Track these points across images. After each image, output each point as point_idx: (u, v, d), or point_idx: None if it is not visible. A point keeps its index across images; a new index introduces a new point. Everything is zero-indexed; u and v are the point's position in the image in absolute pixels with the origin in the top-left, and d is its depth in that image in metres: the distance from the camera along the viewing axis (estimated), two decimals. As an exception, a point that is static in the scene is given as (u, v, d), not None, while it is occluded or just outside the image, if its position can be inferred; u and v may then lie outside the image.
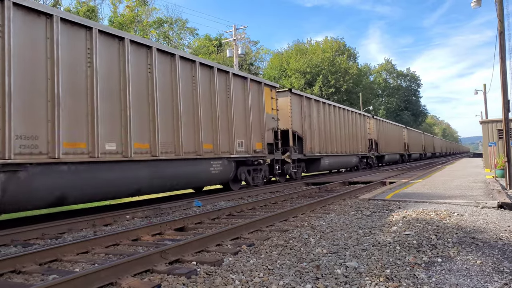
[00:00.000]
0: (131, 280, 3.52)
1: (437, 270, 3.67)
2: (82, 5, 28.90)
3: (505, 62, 10.85)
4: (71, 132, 7.11)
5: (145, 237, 5.68)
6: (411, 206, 7.51)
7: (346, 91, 45.55)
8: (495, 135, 19.75)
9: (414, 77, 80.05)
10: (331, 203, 8.65)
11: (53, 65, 6.85)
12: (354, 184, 13.87)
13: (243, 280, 3.47)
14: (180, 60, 9.81)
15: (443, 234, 5.07)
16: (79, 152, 7.24)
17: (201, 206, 9.10)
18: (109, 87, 7.94)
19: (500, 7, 10.99)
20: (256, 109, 13.10)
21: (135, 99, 8.47)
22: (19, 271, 4.05)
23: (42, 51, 6.75)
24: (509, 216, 6.47)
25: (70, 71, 7.17)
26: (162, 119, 9.14)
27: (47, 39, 6.84)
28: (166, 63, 9.52)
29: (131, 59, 8.46)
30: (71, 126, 7.12)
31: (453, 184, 11.70)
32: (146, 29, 32.78)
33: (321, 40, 50.86)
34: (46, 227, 6.22)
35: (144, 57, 8.87)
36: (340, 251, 4.40)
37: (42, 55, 6.76)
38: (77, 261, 4.43)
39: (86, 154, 7.35)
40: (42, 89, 6.72)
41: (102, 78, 7.78)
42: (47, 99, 6.76)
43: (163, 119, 9.16)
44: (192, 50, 38.09)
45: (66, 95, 7.05)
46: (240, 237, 5.36)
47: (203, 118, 10.48)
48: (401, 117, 69.07)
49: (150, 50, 8.99)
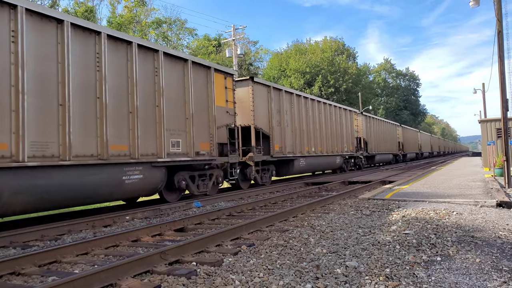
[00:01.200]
0: (131, 281, 3.52)
1: (436, 269, 3.68)
2: (80, 6, 28.89)
3: (503, 61, 10.87)
4: None
5: (144, 238, 5.68)
6: (410, 206, 7.52)
7: (345, 91, 45.59)
8: (494, 134, 19.79)
9: (413, 76, 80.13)
10: (330, 203, 8.66)
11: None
12: (353, 184, 13.88)
13: (243, 280, 3.48)
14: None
15: (443, 233, 5.08)
16: None
17: (201, 206, 9.11)
18: None
19: (498, 6, 11.01)
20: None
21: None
22: (19, 273, 4.05)
23: None
24: (508, 214, 6.49)
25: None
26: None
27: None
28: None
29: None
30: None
31: (452, 183, 11.72)
32: (144, 30, 32.77)
33: (320, 40, 50.92)
34: (45, 229, 6.22)
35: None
36: (340, 251, 4.40)
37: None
38: (77, 263, 4.43)
39: None
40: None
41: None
42: None
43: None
44: (191, 50, 38.07)
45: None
46: (240, 237, 5.36)
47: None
48: (401, 117, 69.15)
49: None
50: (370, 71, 71.66)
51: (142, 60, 8.68)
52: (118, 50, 8.18)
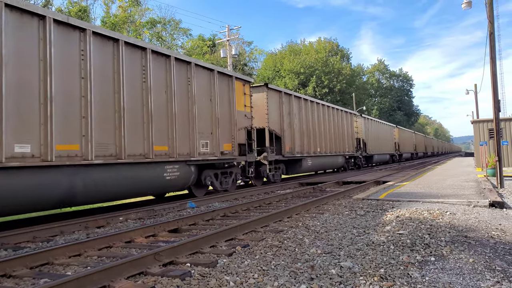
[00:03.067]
0: (124, 283, 3.48)
1: (430, 269, 3.69)
2: (74, 5, 28.65)
3: (495, 62, 10.97)
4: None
5: (138, 239, 5.63)
6: (404, 206, 7.56)
7: (339, 92, 45.79)
8: (486, 134, 19.98)
9: (407, 77, 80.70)
10: (325, 203, 8.67)
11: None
12: (348, 184, 13.92)
13: (238, 281, 3.46)
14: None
15: (436, 233, 5.11)
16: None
17: (195, 207, 9.06)
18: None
19: (490, 9, 11.11)
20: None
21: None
22: (10, 275, 3.99)
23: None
24: (500, 214, 6.54)
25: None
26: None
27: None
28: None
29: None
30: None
31: (446, 183, 11.80)
32: (139, 30, 32.60)
33: (315, 41, 51.13)
34: (37, 230, 6.14)
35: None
36: (335, 251, 4.40)
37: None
38: (69, 264, 4.37)
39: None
40: None
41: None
42: None
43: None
44: (186, 50, 37.97)
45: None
46: (235, 238, 5.34)
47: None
48: (394, 117, 69.58)
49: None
50: (364, 71, 72.05)
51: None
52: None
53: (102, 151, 7.75)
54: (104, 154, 7.80)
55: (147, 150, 8.75)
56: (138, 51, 8.84)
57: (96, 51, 7.81)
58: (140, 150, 8.61)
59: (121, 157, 8.11)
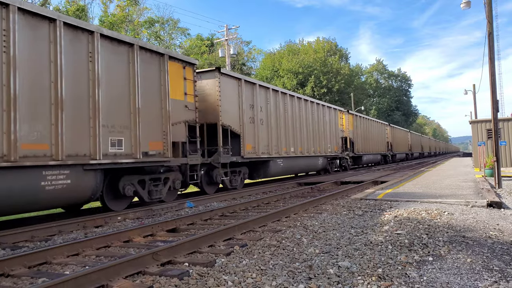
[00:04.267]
0: (122, 282, 3.48)
1: (428, 269, 3.70)
2: (71, 4, 28.58)
3: (494, 63, 11.00)
4: None
5: (136, 239, 5.63)
6: (402, 206, 7.58)
7: (338, 92, 45.80)
8: (484, 134, 20.04)
9: (405, 77, 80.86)
10: (323, 203, 8.68)
11: None
12: (346, 184, 13.95)
13: (236, 281, 3.46)
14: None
15: (434, 233, 5.12)
16: None
17: (193, 207, 9.07)
18: None
19: (489, 8, 11.14)
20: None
21: None
22: (8, 275, 3.98)
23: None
24: (498, 215, 6.57)
25: None
26: None
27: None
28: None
29: None
30: None
31: (444, 183, 11.83)
32: (137, 29, 32.56)
33: (313, 41, 51.12)
34: (35, 229, 6.13)
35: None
36: (333, 251, 4.41)
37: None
38: (67, 264, 4.37)
39: None
40: None
41: None
42: None
43: None
44: (184, 50, 37.93)
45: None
46: (233, 237, 5.34)
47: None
48: (392, 117, 69.70)
49: None
50: (362, 71, 72.16)
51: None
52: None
53: None
54: None
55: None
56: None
57: None
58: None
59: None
